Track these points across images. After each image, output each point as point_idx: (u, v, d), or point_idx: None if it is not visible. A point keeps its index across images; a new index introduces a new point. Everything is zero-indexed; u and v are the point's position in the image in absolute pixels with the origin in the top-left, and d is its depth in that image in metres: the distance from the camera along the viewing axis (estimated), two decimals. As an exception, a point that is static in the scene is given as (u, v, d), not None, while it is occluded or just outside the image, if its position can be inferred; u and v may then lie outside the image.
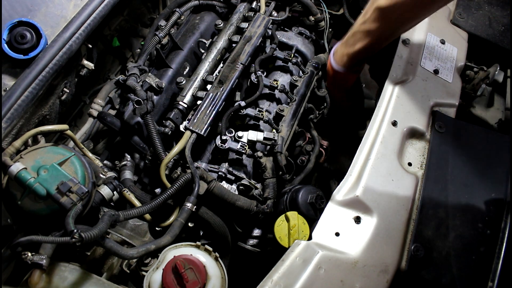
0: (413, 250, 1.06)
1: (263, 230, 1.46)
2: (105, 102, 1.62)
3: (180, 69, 1.57)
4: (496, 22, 1.65)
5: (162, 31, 1.58)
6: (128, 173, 1.38)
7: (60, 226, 1.02)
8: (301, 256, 1.03)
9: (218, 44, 1.57)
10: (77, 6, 1.28)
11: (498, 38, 1.61)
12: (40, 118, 1.28)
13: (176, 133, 1.40)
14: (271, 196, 1.36)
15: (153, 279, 1.08)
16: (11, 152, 1.12)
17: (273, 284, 0.98)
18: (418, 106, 1.32)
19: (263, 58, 1.60)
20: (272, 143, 1.40)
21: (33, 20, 1.17)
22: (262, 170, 1.40)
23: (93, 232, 0.99)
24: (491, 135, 1.31)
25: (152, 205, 1.18)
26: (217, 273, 1.12)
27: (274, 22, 1.71)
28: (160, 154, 1.28)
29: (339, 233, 1.08)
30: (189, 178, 1.23)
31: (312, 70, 1.71)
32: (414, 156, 1.24)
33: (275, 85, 1.55)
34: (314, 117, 1.78)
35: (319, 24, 1.87)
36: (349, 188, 1.14)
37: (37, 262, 1.01)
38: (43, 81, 1.15)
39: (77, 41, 1.22)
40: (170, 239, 1.15)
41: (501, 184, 1.18)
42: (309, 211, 1.26)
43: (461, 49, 1.54)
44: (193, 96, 1.43)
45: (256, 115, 1.48)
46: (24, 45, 1.14)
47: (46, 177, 1.05)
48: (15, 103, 1.09)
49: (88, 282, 1.09)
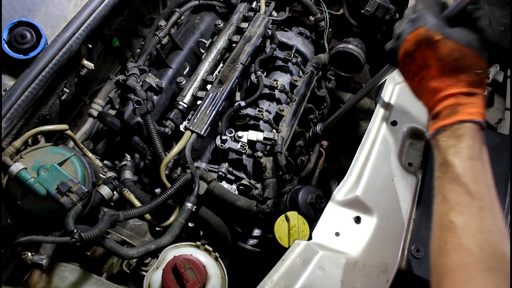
0: (413, 250, 1.06)
1: (263, 230, 1.46)
2: (105, 102, 1.62)
3: (180, 69, 1.57)
4: (496, 22, 1.65)
5: (162, 31, 1.58)
6: (128, 173, 1.38)
7: (60, 226, 1.02)
8: (301, 256, 1.03)
9: (218, 44, 1.57)
10: (77, 6, 1.28)
11: (498, 38, 1.61)
12: (40, 118, 1.28)
13: (176, 133, 1.40)
14: (271, 196, 1.36)
15: (153, 279, 1.08)
16: (11, 152, 1.12)
17: (273, 284, 0.98)
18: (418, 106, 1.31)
19: (263, 58, 1.60)
20: (272, 143, 1.40)
21: (33, 20, 1.17)
22: (262, 170, 1.40)
23: (93, 232, 0.99)
24: (491, 135, 1.31)
25: (152, 205, 1.18)
26: (217, 273, 1.12)
27: (274, 22, 1.71)
28: (160, 154, 1.28)
29: (339, 233, 1.08)
30: (189, 178, 1.23)
31: (312, 70, 1.71)
32: (414, 156, 1.24)
33: (275, 85, 1.55)
34: (314, 117, 1.78)
35: (319, 24, 1.87)
36: (349, 188, 1.14)
37: (37, 262, 1.01)
38: (43, 81, 1.15)
39: (77, 41, 1.22)
40: (170, 239, 1.15)
41: (501, 184, 1.18)
42: (309, 211, 1.26)
43: (461, 49, 1.54)
44: (193, 96, 1.44)
45: (256, 115, 1.48)
46: (24, 45, 1.14)
47: (46, 177, 1.05)
48: (15, 103, 1.09)
49: (88, 282, 1.09)
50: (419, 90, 0.96)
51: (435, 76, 0.90)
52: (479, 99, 0.87)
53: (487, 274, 0.75)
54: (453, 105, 0.87)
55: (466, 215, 0.81)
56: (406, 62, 0.96)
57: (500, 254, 0.78)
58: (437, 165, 0.89)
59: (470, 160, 0.84)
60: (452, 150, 0.86)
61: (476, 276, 0.75)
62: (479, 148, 0.85)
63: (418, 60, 0.92)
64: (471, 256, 0.77)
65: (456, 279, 0.76)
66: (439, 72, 0.89)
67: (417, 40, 0.91)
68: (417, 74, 0.94)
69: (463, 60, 0.86)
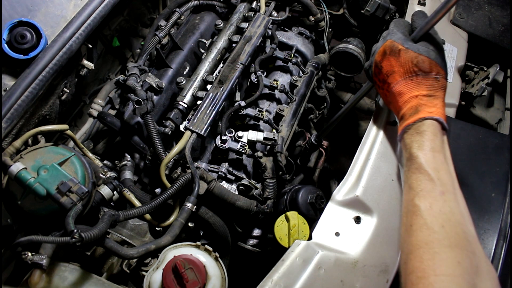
0: (413, 250, 1.06)
1: (263, 230, 1.46)
2: (105, 102, 1.62)
3: (180, 69, 1.57)
4: (496, 22, 1.65)
5: (162, 31, 1.57)
6: (128, 173, 1.38)
7: (60, 226, 1.02)
8: (301, 256, 1.03)
9: (218, 44, 1.57)
10: (77, 6, 1.28)
11: (498, 38, 1.61)
12: (40, 118, 1.28)
13: (176, 133, 1.40)
14: (271, 196, 1.36)
15: (153, 279, 1.08)
16: (11, 152, 1.12)
17: (273, 284, 0.98)
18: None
19: (263, 58, 1.60)
20: (272, 143, 1.40)
21: (33, 20, 1.17)
22: (262, 170, 1.40)
23: (93, 232, 0.99)
24: (491, 135, 1.31)
25: (152, 205, 1.18)
26: (217, 273, 1.12)
27: (274, 22, 1.71)
28: (160, 154, 1.28)
29: (339, 233, 1.08)
30: (189, 178, 1.23)
31: (312, 70, 1.71)
32: (414, 156, 1.24)
33: (275, 85, 1.55)
34: (314, 117, 1.78)
35: (319, 24, 1.87)
36: (349, 188, 1.14)
37: (37, 262, 1.01)
38: (43, 81, 1.15)
39: (77, 41, 1.22)
40: (170, 239, 1.15)
41: (501, 184, 1.18)
42: (309, 211, 1.26)
43: (461, 49, 1.54)
44: (193, 96, 1.44)
45: (256, 115, 1.48)
46: (24, 45, 1.14)
47: (46, 177, 1.05)
48: (15, 103, 1.09)
49: (88, 282, 1.09)
50: (388, 97, 1.09)
51: (399, 81, 1.03)
52: (439, 101, 1.00)
53: (450, 250, 0.82)
54: (415, 105, 0.99)
55: (429, 198, 0.89)
56: (376, 72, 1.11)
57: (461, 232, 0.85)
58: (404, 161, 1.00)
59: (431, 151, 0.94)
60: (416, 144, 0.96)
61: (439, 252, 0.81)
62: (440, 142, 0.96)
63: (385, 68, 1.06)
64: (434, 234, 0.84)
65: (422, 256, 0.82)
66: (402, 77, 1.02)
67: (384, 50, 1.06)
68: (385, 81, 1.08)
69: (422, 66, 1.00)
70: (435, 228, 0.85)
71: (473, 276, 0.80)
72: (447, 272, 0.79)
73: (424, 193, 0.90)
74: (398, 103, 1.04)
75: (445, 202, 0.88)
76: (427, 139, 0.95)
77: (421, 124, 0.97)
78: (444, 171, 0.92)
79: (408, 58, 1.01)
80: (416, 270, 0.82)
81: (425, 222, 0.86)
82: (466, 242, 0.84)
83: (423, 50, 1.01)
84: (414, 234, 0.87)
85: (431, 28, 1.04)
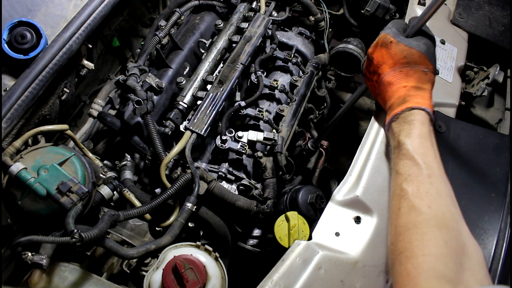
0: (413, 250, 1.06)
1: (263, 230, 1.46)
2: (105, 102, 1.62)
3: (180, 69, 1.57)
4: (496, 22, 1.65)
5: (162, 31, 1.57)
6: (128, 173, 1.38)
7: (60, 226, 1.02)
8: (301, 256, 1.03)
9: (218, 44, 1.57)
10: (77, 6, 1.28)
11: (498, 38, 1.61)
12: (40, 118, 1.28)
13: (176, 133, 1.40)
14: (271, 196, 1.36)
15: (153, 279, 1.08)
16: (11, 152, 1.12)
17: (273, 284, 0.98)
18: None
19: (263, 58, 1.60)
20: (272, 143, 1.40)
21: (33, 20, 1.17)
22: (262, 170, 1.40)
23: (93, 232, 0.99)
24: (491, 135, 1.31)
25: (152, 205, 1.18)
26: (217, 273, 1.12)
27: (274, 22, 1.71)
28: (160, 154, 1.28)
29: (339, 233, 1.08)
30: (189, 178, 1.23)
31: (312, 70, 1.71)
32: (414, 156, 1.24)
33: (275, 85, 1.55)
34: (314, 117, 1.78)
35: (319, 24, 1.87)
36: (349, 188, 1.14)
37: (37, 262, 1.01)
38: (43, 81, 1.15)
39: (77, 41, 1.22)
40: (170, 239, 1.15)
41: (501, 184, 1.18)
42: (309, 211, 1.26)
43: (461, 49, 1.54)
44: (193, 96, 1.44)
45: (256, 115, 1.48)
46: (24, 45, 1.14)
47: (46, 177, 1.05)
48: (15, 103, 1.09)
49: (88, 282, 1.09)
50: (377, 89, 1.12)
51: (389, 71, 1.06)
52: (427, 93, 1.03)
53: (437, 230, 0.84)
54: (403, 96, 1.02)
55: (416, 182, 0.91)
56: (367, 64, 1.14)
57: (448, 212, 0.87)
58: (392, 149, 1.03)
59: (418, 138, 0.96)
60: (404, 132, 0.99)
61: (427, 232, 0.84)
62: (427, 131, 0.98)
63: (375, 59, 1.09)
64: (421, 215, 0.86)
65: (410, 237, 0.85)
66: (391, 67, 1.05)
67: (377, 42, 1.09)
68: (375, 72, 1.10)
69: (411, 58, 1.02)
70: (422, 209, 0.87)
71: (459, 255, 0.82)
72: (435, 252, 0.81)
73: (412, 177, 0.93)
74: (387, 94, 1.07)
75: (432, 184, 0.90)
76: (414, 127, 0.98)
77: (409, 113, 1.00)
78: (431, 156, 0.95)
79: (398, 50, 1.04)
80: (405, 250, 0.84)
81: (412, 204, 0.89)
82: (452, 222, 0.86)
83: (413, 43, 1.03)
84: (402, 216, 0.90)
85: (424, 25, 1.07)
